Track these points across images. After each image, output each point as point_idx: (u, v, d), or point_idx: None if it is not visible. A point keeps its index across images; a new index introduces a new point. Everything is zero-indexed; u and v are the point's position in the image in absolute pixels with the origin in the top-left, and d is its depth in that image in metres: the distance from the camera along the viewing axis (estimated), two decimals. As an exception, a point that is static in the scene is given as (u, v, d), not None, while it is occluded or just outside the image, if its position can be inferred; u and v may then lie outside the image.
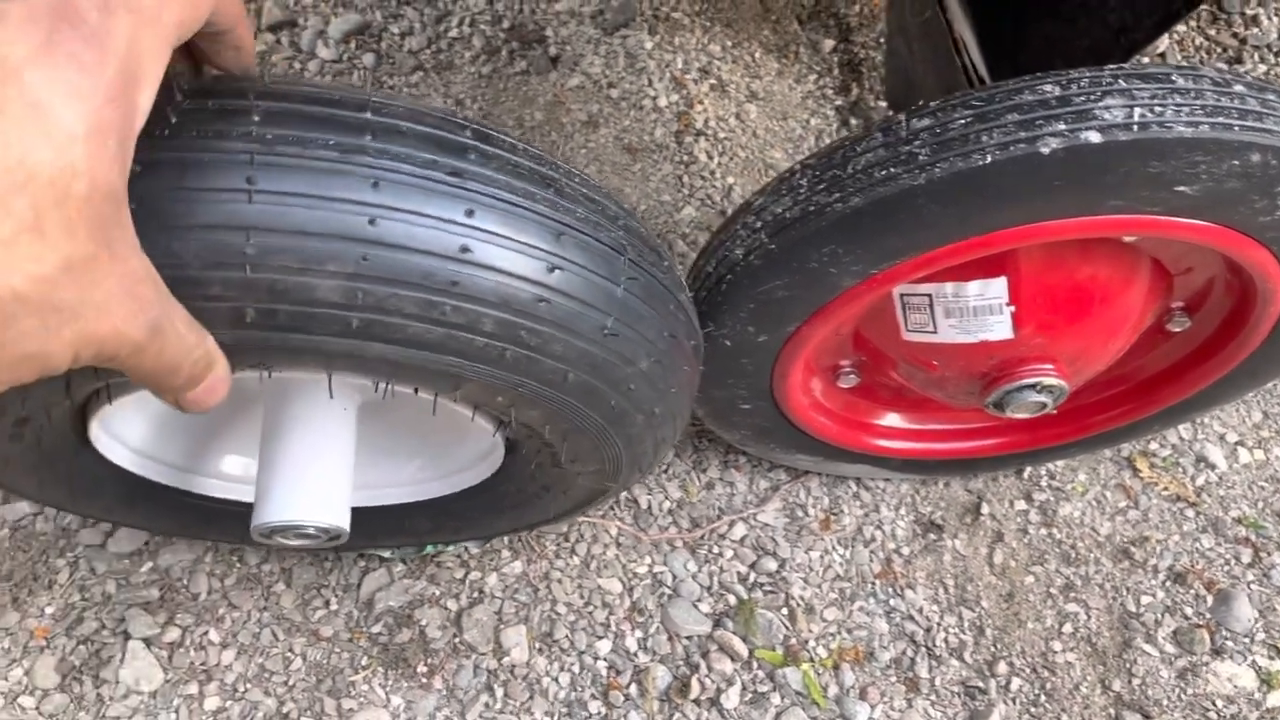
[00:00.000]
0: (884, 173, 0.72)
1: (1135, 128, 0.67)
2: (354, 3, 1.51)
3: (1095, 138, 0.67)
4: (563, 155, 1.35)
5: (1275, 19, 1.58)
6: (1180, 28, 1.57)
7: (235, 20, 0.52)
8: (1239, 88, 0.70)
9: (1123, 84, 0.69)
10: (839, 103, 1.47)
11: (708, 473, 1.19)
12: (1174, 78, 0.70)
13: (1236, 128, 0.68)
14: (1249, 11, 1.57)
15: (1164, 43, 1.53)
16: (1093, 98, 0.68)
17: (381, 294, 0.56)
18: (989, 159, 0.68)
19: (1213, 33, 1.56)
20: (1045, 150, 0.67)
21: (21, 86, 0.39)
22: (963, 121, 0.70)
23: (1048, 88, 0.70)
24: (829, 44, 1.51)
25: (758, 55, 1.50)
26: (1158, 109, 0.68)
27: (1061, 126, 0.68)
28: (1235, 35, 1.57)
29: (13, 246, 0.39)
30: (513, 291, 0.60)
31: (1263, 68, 1.54)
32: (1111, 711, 1.07)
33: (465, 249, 0.57)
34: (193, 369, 0.51)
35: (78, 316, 0.42)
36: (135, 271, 0.45)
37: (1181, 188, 0.71)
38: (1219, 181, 0.70)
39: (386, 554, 1.09)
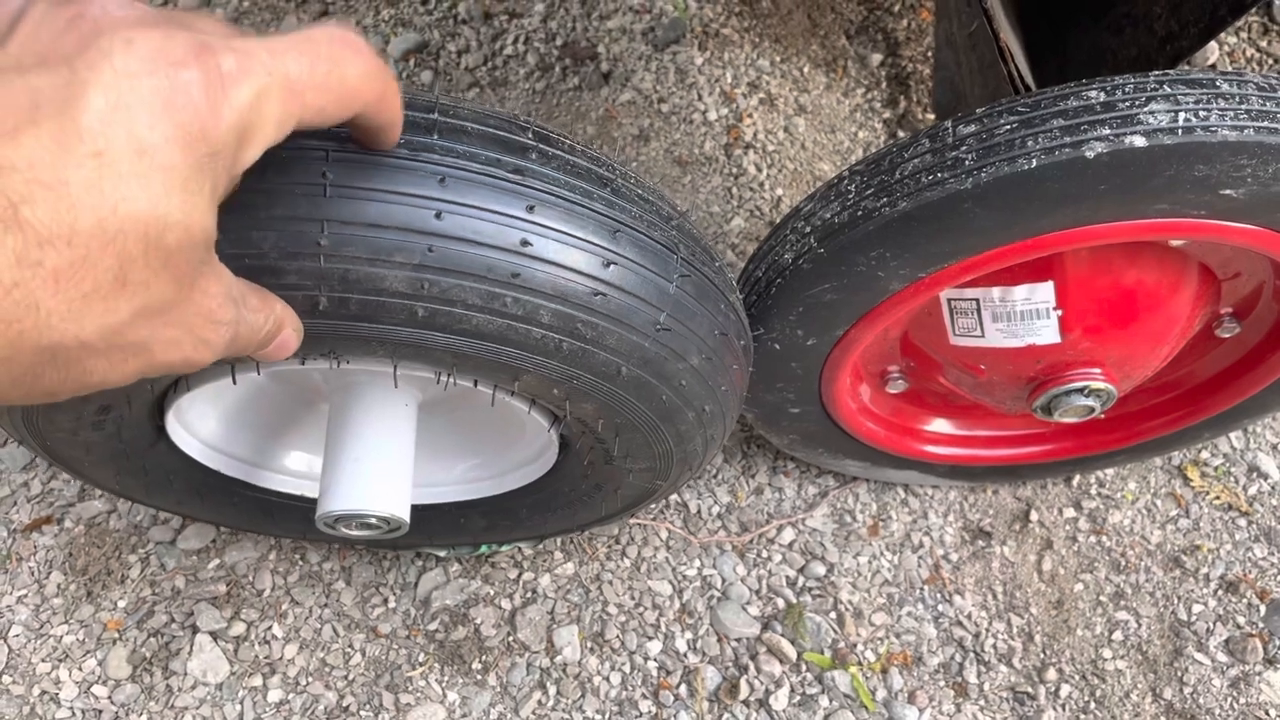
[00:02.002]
0: (931, 178, 0.74)
1: (1180, 132, 0.68)
2: (413, 22, 1.55)
3: (1140, 142, 0.68)
4: (614, 168, 1.38)
5: (1329, 29, 1.57)
6: (1231, 39, 1.56)
7: (390, 124, 0.51)
8: (1284, 92, 0.71)
9: (1167, 89, 0.70)
10: (887, 116, 1.49)
11: (756, 478, 1.21)
12: (1219, 83, 0.71)
13: (1282, 131, 0.69)
14: (1302, 22, 1.57)
15: (1214, 54, 1.53)
16: (1137, 103, 0.70)
17: (446, 285, 0.59)
18: (1034, 163, 0.70)
19: (1264, 44, 1.55)
20: (1090, 154, 0.69)
21: (132, 126, 0.36)
22: (1008, 127, 0.72)
23: (1093, 93, 0.71)
24: (877, 58, 1.53)
25: (806, 70, 1.52)
26: (1202, 113, 0.69)
27: (1106, 131, 0.69)
28: (1288, 46, 1.56)
29: (89, 301, 0.37)
30: (570, 285, 0.62)
31: (1316, 78, 1.54)
32: (1163, 720, 1.07)
33: (526, 243, 0.60)
34: (263, 339, 0.51)
35: (145, 350, 0.41)
36: (214, 298, 0.43)
37: (1227, 191, 0.71)
38: (1265, 185, 0.71)
39: (442, 554, 1.12)
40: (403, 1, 1.58)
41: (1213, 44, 1.55)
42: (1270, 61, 1.55)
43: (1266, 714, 1.07)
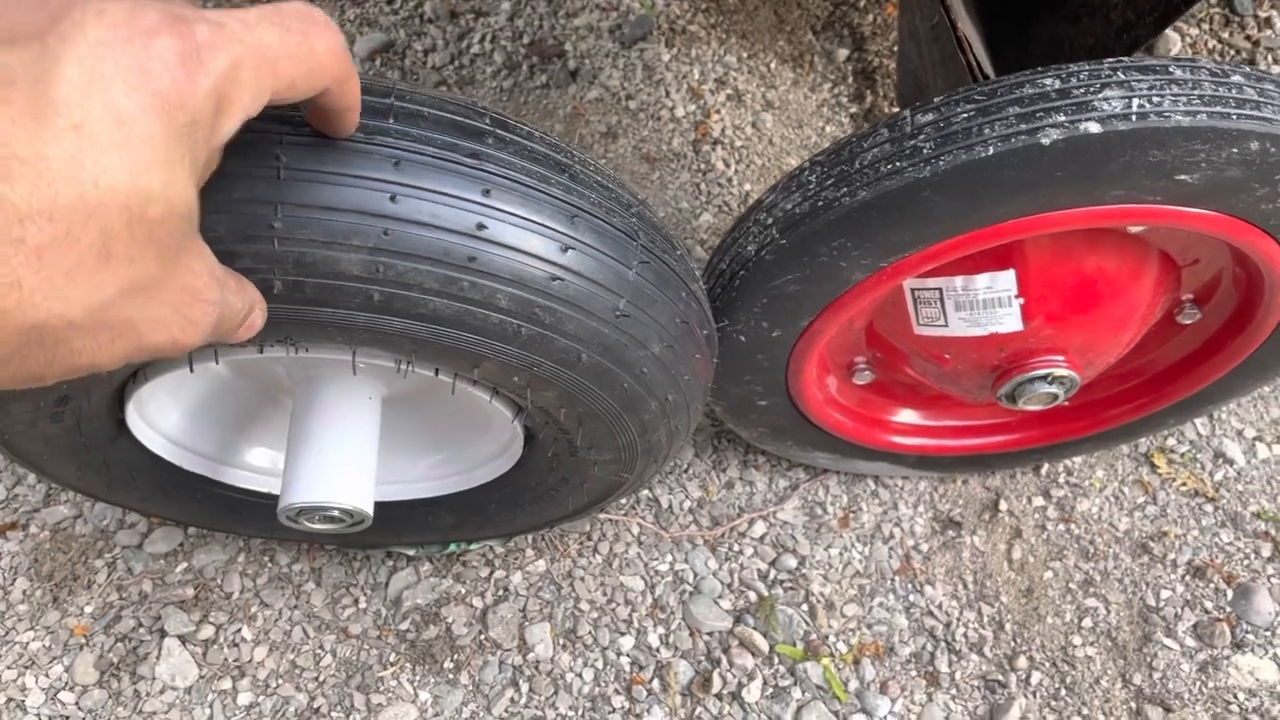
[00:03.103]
0: (890, 167, 0.74)
1: (1134, 118, 0.69)
2: (378, 21, 1.55)
3: (1095, 128, 0.69)
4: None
5: (1289, 21, 1.59)
6: (1193, 31, 1.58)
7: (351, 106, 0.52)
8: (1236, 77, 0.72)
9: (1121, 76, 0.71)
10: (853, 110, 1.49)
11: (727, 472, 1.21)
12: (1172, 69, 0.71)
13: (1234, 116, 0.70)
14: (1262, 14, 1.58)
15: (1177, 45, 1.55)
16: (1092, 90, 0.70)
17: (402, 268, 0.59)
18: (991, 151, 0.70)
19: (1226, 35, 1.57)
20: (1046, 141, 0.69)
21: (108, 96, 0.36)
22: (965, 115, 0.72)
23: (1048, 81, 0.72)
24: (843, 53, 1.53)
25: (773, 65, 1.52)
26: (1155, 99, 0.69)
27: (1061, 118, 0.70)
28: (1248, 38, 1.58)
29: (73, 277, 0.36)
30: (527, 269, 0.62)
31: (1276, 69, 1.55)
32: (1132, 705, 1.07)
33: (482, 226, 0.59)
34: (239, 322, 0.51)
35: (133, 329, 0.41)
36: (199, 276, 0.43)
37: (1182, 176, 0.72)
38: (1219, 170, 0.72)
39: (412, 553, 1.11)
40: (368, 1, 1.57)
41: (1174, 35, 1.56)
42: (1232, 52, 1.57)
43: (1235, 697, 1.08)
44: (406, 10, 1.56)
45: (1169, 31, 1.57)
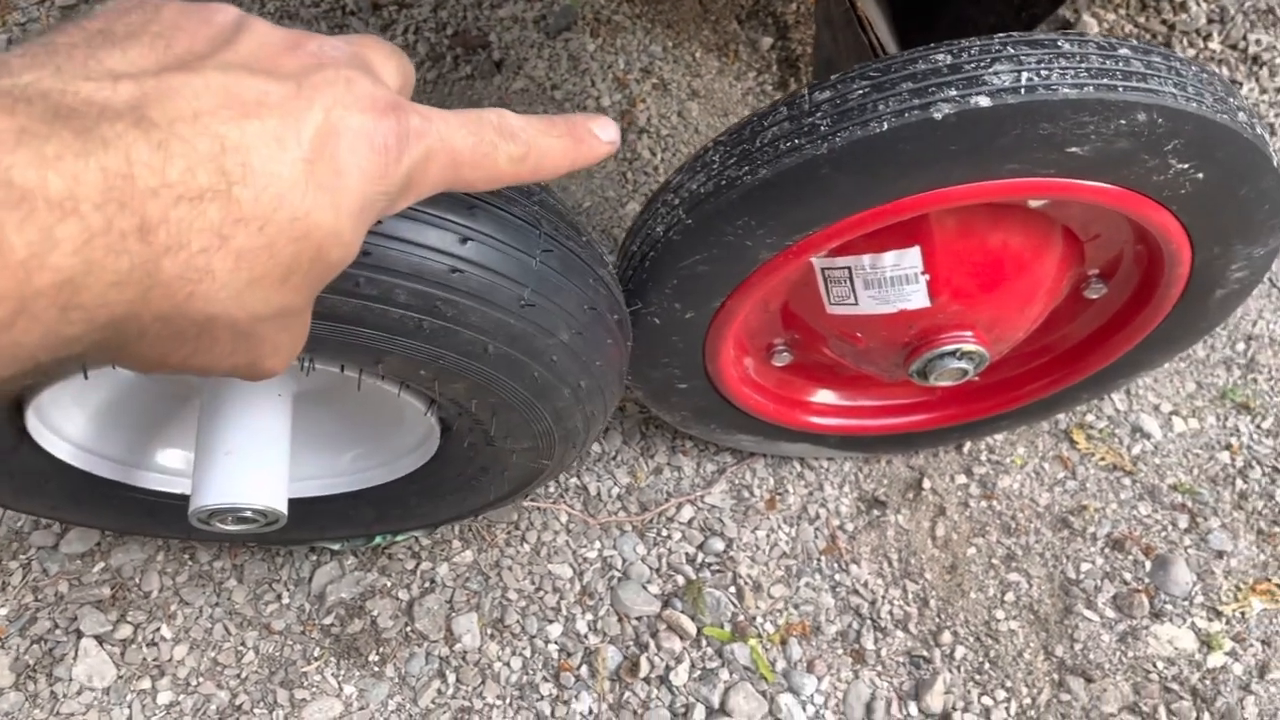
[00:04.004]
0: (789, 144, 0.74)
1: (1023, 91, 0.70)
2: (299, 14, 1.53)
3: (985, 102, 0.70)
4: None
5: (1203, 4, 1.62)
6: (1109, 16, 1.61)
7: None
8: (1124, 51, 0.73)
9: (1011, 50, 0.72)
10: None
11: (655, 458, 1.21)
12: (1060, 43, 0.73)
13: (1121, 88, 0.71)
14: (1176, -2, 1.62)
15: (1093, 29, 1.57)
16: (982, 64, 0.71)
17: None
18: (885, 126, 0.71)
19: (1142, 20, 1.60)
20: (938, 115, 0.70)
21: (337, 148, 0.41)
22: (860, 92, 0.73)
23: (940, 56, 0.72)
24: (767, 42, 1.54)
25: (698, 54, 1.53)
26: (1044, 72, 0.71)
27: (953, 92, 0.70)
28: (1164, 21, 1.61)
29: (256, 286, 0.40)
30: (425, 263, 0.62)
31: (1191, 52, 1.59)
32: (1055, 676, 1.09)
33: (376, 220, 0.59)
34: None
35: (258, 348, 0.44)
36: (310, 317, 0.47)
37: (1073, 149, 0.73)
38: (1109, 141, 0.73)
39: (336, 547, 1.10)
40: (290, -6, 1.56)
41: (1092, 20, 1.59)
42: (1148, 36, 1.60)
43: (1154, 666, 1.10)
44: (328, 2, 1.54)
45: (1086, 17, 1.59)
